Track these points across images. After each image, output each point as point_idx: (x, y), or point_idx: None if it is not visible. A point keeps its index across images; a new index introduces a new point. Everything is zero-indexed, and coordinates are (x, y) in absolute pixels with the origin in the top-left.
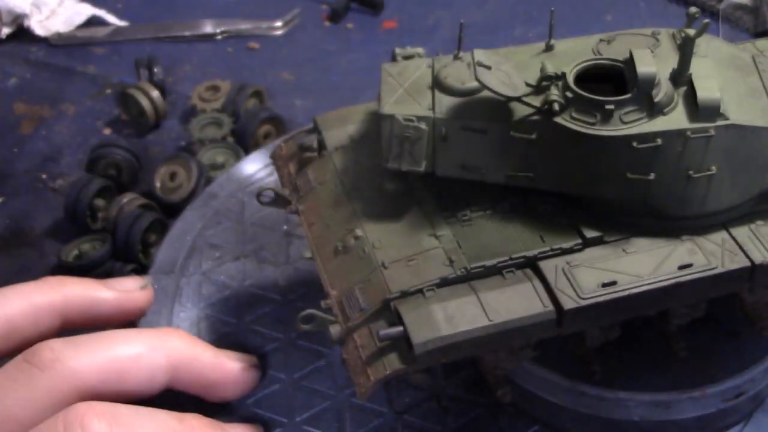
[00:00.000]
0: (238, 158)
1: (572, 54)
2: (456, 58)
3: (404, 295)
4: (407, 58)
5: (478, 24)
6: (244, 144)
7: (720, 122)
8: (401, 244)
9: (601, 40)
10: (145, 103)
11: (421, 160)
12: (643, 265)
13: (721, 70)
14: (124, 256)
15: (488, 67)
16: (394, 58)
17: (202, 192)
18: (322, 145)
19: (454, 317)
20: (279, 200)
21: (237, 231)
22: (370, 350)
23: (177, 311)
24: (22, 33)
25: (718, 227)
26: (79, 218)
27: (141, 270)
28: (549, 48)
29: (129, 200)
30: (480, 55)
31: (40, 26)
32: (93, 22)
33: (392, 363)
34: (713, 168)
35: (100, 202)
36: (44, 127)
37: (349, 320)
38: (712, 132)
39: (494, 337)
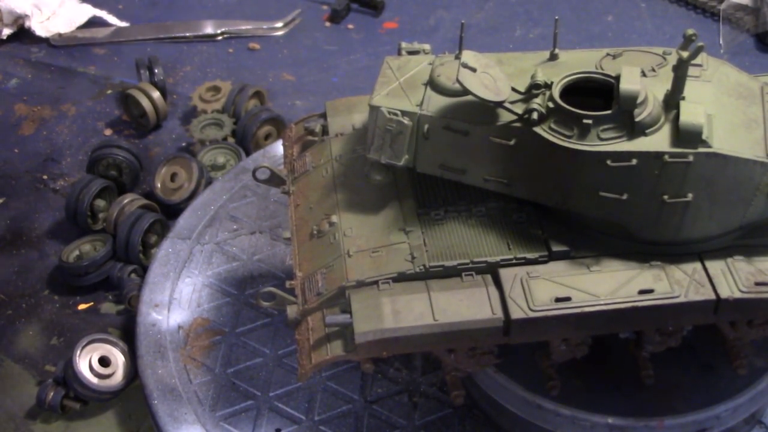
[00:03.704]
0: (238, 159)
1: (575, 65)
2: (457, 57)
3: (360, 284)
4: (412, 53)
5: (478, 25)
6: (245, 145)
7: (701, 149)
8: (370, 235)
9: (607, 54)
10: (145, 103)
11: (401, 154)
12: (603, 285)
13: (720, 97)
14: (125, 257)
15: (473, 70)
16: (399, 52)
17: (237, 166)
18: (325, 131)
19: (401, 312)
20: (274, 178)
21: (259, 206)
22: (318, 334)
23: (184, 276)
24: (23, 34)
25: (692, 257)
26: (80, 219)
27: (141, 271)
28: (553, 57)
29: (130, 201)
30: (468, 56)
31: (41, 27)
32: (94, 22)
33: (335, 349)
34: (689, 195)
35: (100, 203)
36: (45, 128)
37: (307, 302)
38: (691, 158)
39: (438, 337)
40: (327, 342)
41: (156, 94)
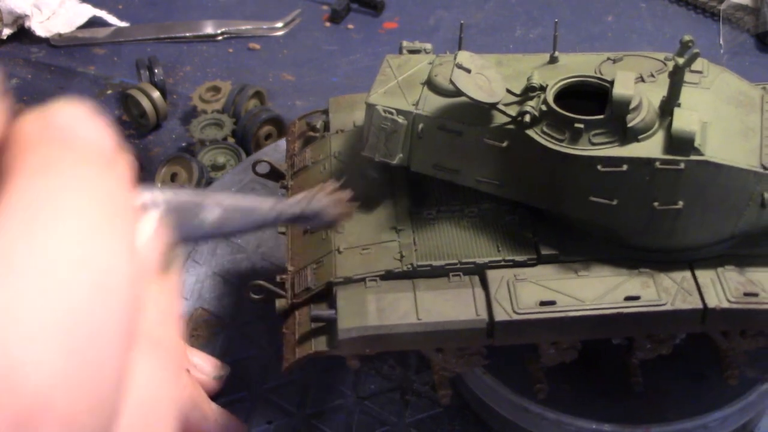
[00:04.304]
0: (238, 159)
1: (575, 69)
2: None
3: (348, 281)
4: (413, 52)
5: (478, 25)
6: (245, 145)
7: (693, 157)
8: (362, 233)
9: (608, 59)
10: (145, 103)
11: (396, 153)
12: (589, 290)
13: (718, 105)
14: None
15: (468, 70)
16: (400, 51)
17: (245, 159)
18: (326, 127)
19: (385, 310)
20: (273, 173)
21: None
22: (304, 328)
23: (188, 266)
24: (23, 34)
25: (683, 265)
26: None
27: None
28: (553, 60)
29: None
30: (464, 57)
31: (41, 27)
32: (94, 22)
33: (319, 344)
34: (680, 203)
35: None
36: None
37: (296, 297)
38: (682, 166)
39: (421, 336)
40: (312, 337)
41: (156, 94)
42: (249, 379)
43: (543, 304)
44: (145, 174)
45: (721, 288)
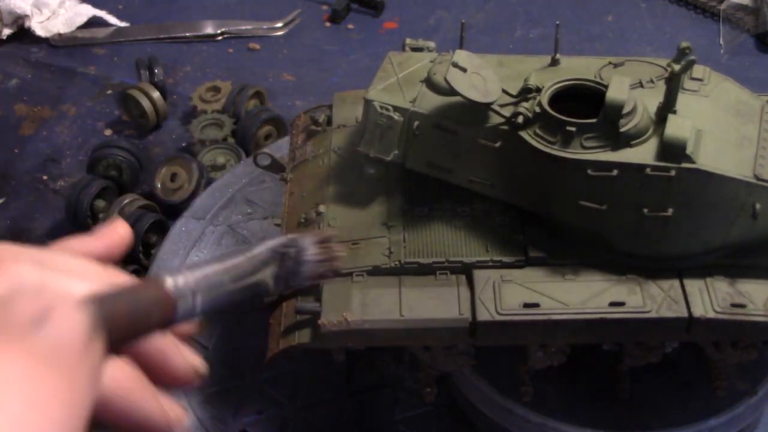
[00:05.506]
0: (238, 159)
1: (575, 72)
2: None
3: (335, 275)
4: (416, 49)
5: (479, 25)
6: (245, 145)
7: (685, 164)
8: (354, 227)
9: (609, 63)
10: (145, 104)
11: (390, 149)
12: (575, 294)
13: (716, 113)
14: (125, 257)
15: (464, 69)
16: (403, 48)
17: (245, 159)
18: (329, 121)
19: (369, 305)
20: (274, 165)
21: (276, 193)
22: (290, 320)
23: (192, 255)
24: (23, 34)
25: (672, 273)
26: (80, 219)
27: (142, 271)
28: (554, 62)
29: (130, 201)
30: (461, 56)
31: (41, 27)
32: (94, 23)
33: (303, 336)
34: (669, 210)
35: (100, 203)
36: (45, 128)
37: None
38: (673, 173)
39: (403, 333)
40: (297, 329)
41: (156, 94)
42: (243, 369)
43: (527, 306)
44: (145, 174)
45: (709, 298)
